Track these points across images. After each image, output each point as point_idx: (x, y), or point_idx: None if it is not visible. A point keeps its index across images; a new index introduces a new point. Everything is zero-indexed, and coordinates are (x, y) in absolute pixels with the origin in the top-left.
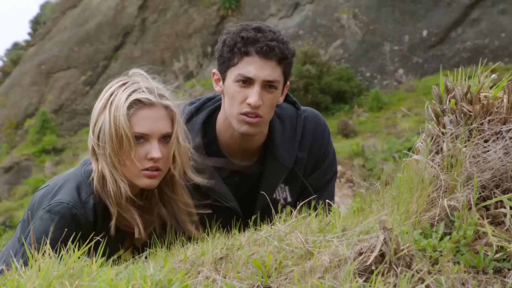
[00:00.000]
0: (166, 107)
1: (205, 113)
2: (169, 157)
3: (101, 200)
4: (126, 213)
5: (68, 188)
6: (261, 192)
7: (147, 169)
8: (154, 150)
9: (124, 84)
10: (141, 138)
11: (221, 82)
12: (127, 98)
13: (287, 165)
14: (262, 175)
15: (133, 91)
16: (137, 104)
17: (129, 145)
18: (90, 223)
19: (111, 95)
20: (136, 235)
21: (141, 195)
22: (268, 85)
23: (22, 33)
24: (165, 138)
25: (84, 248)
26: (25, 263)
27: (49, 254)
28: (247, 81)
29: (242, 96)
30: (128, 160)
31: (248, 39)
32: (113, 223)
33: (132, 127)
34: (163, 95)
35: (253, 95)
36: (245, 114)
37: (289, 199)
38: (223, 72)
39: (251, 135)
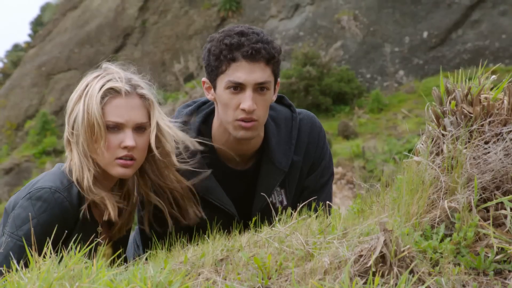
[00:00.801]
0: (141, 96)
1: (201, 117)
2: (145, 147)
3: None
4: (96, 198)
5: (48, 177)
6: (258, 196)
7: (120, 158)
8: (128, 138)
9: (98, 75)
10: (115, 127)
11: (212, 90)
12: (101, 88)
13: (283, 169)
14: (258, 178)
15: (108, 81)
16: (111, 93)
17: (100, 133)
18: (75, 209)
19: (86, 86)
20: (105, 218)
21: (119, 185)
22: (260, 88)
23: (22, 35)
24: (140, 128)
25: (85, 249)
26: (7, 260)
27: (48, 254)
28: (238, 87)
29: (235, 103)
30: (100, 148)
31: (233, 45)
32: (84, 206)
33: (106, 115)
34: (138, 85)
35: (246, 100)
36: (241, 120)
37: (285, 202)
38: (213, 80)
39: (249, 139)
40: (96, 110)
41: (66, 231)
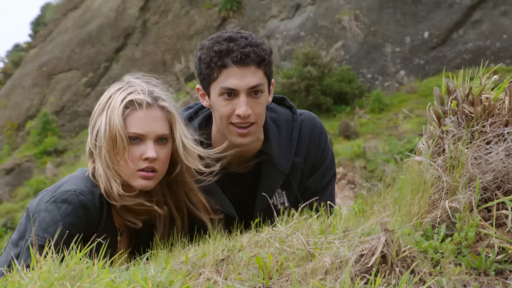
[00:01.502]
0: (163, 108)
1: (201, 118)
2: (167, 159)
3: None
4: (130, 203)
5: (72, 181)
6: (259, 197)
7: (142, 170)
8: (149, 150)
9: (121, 88)
10: (136, 138)
11: (207, 97)
12: (122, 100)
13: (283, 170)
14: (259, 181)
15: (129, 93)
16: (133, 105)
17: (123, 145)
18: (97, 211)
19: (109, 99)
20: (139, 220)
21: (145, 195)
22: (253, 91)
23: (23, 35)
24: (162, 140)
25: (85, 249)
26: (28, 266)
27: (52, 254)
28: (231, 93)
29: (230, 109)
30: (122, 160)
31: (222, 51)
32: (118, 207)
33: (128, 127)
34: (159, 97)
35: (240, 106)
36: (237, 125)
37: (286, 204)
38: (206, 88)
39: (247, 145)
40: (118, 122)
41: (92, 234)
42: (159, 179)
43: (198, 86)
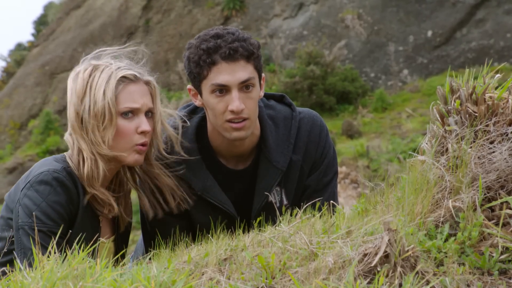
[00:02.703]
0: (147, 83)
1: (198, 117)
2: (155, 132)
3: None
4: (99, 192)
5: (43, 163)
6: (257, 195)
7: (137, 144)
8: (144, 123)
9: (98, 66)
10: (129, 112)
11: (199, 96)
12: (110, 77)
13: (281, 168)
14: (257, 178)
15: (117, 69)
16: (124, 81)
17: (117, 121)
18: (74, 189)
19: (89, 78)
20: (105, 211)
21: (112, 181)
22: (245, 86)
23: (25, 34)
24: (148, 113)
25: (88, 249)
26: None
27: (55, 252)
28: (223, 89)
29: (223, 106)
30: (119, 137)
31: (210, 49)
32: (87, 197)
33: (121, 103)
34: (142, 72)
35: (233, 101)
36: (231, 121)
37: (285, 202)
38: (197, 87)
39: (242, 139)
40: (110, 99)
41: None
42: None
43: (189, 86)
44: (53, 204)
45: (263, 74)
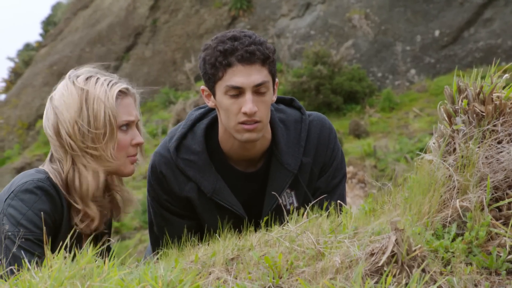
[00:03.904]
0: (133, 95)
1: (208, 119)
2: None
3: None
4: (89, 208)
5: (25, 175)
6: (268, 197)
7: (131, 156)
8: (138, 136)
9: (89, 78)
10: (125, 125)
11: (212, 97)
12: (107, 91)
13: (292, 170)
14: (268, 180)
15: (110, 83)
16: (120, 94)
17: (117, 135)
18: (57, 197)
19: (82, 92)
20: (82, 226)
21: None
22: (258, 89)
23: (33, 34)
24: (136, 125)
25: (97, 248)
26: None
27: (60, 252)
28: (237, 91)
29: (236, 107)
30: (117, 150)
31: (227, 50)
32: (77, 219)
33: (120, 116)
34: (127, 84)
35: (246, 103)
36: (243, 123)
37: (295, 204)
38: (211, 88)
39: (254, 141)
40: (111, 113)
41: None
42: None
43: (203, 87)
44: (38, 212)
45: (276, 79)
